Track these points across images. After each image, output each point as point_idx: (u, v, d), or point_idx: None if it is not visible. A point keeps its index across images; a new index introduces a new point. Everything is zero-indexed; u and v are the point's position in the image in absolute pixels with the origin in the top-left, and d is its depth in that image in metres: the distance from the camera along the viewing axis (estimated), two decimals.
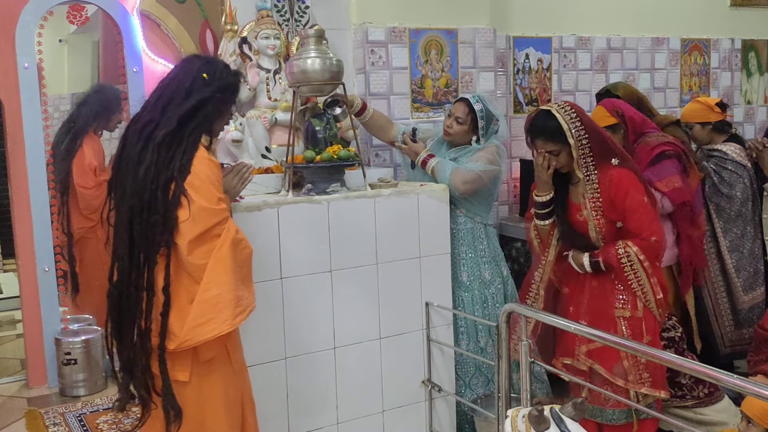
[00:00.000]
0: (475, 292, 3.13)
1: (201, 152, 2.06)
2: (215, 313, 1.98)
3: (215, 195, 2.04)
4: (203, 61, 2.17)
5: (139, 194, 1.98)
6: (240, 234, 2.07)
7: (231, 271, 2.01)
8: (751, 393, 1.65)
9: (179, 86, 2.08)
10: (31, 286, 3.04)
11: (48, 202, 3.02)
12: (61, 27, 3.37)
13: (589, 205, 2.56)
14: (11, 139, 2.99)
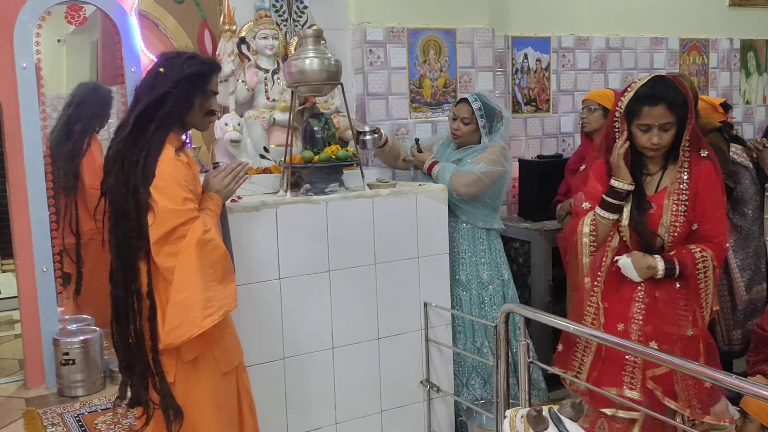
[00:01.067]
0: (473, 292, 3.13)
1: (166, 152, 2.04)
2: (185, 316, 1.99)
3: (180, 195, 2.01)
4: (166, 56, 2.15)
5: (115, 201, 2.02)
6: (209, 234, 2.03)
7: (198, 272, 1.99)
8: (750, 393, 1.65)
9: (144, 86, 2.09)
10: (30, 287, 3.03)
11: (46, 203, 3.02)
12: (59, 27, 3.36)
13: (672, 198, 2.28)
14: (9, 139, 2.98)
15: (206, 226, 2.05)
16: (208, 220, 2.10)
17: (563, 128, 4.30)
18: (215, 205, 2.20)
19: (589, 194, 2.42)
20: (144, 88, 2.08)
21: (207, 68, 2.14)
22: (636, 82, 2.30)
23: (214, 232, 2.07)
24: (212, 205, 2.19)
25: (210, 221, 2.10)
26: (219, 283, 2.05)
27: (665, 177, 2.33)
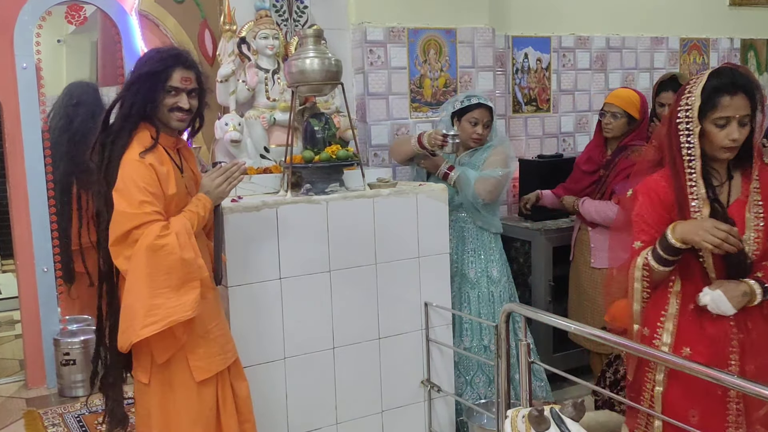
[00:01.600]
0: (483, 289, 3.14)
1: (129, 154, 2.03)
2: (129, 321, 1.98)
3: (136, 198, 1.98)
4: (142, 55, 2.16)
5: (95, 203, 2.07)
6: (163, 239, 1.97)
7: (145, 278, 1.95)
8: (751, 393, 1.65)
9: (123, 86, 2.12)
10: (30, 287, 3.04)
11: (47, 203, 3.02)
12: (59, 27, 3.37)
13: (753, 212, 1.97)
14: (10, 139, 2.99)
15: (165, 230, 1.99)
16: (178, 223, 2.04)
17: (563, 128, 4.30)
18: (201, 207, 2.15)
19: (639, 227, 2.05)
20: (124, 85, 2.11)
21: (164, 64, 2.07)
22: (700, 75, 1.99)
23: (172, 238, 1.99)
24: (194, 206, 2.14)
25: (181, 223, 2.04)
26: (173, 290, 1.98)
27: (733, 187, 2.01)
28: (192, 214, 2.11)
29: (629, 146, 3.24)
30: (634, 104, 3.22)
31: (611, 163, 3.28)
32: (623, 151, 3.24)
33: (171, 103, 2.10)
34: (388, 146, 3.47)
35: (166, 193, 2.06)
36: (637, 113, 3.21)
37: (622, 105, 3.22)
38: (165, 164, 2.08)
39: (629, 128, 3.24)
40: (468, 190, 3.05)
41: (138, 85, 2.04)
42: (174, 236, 2.00)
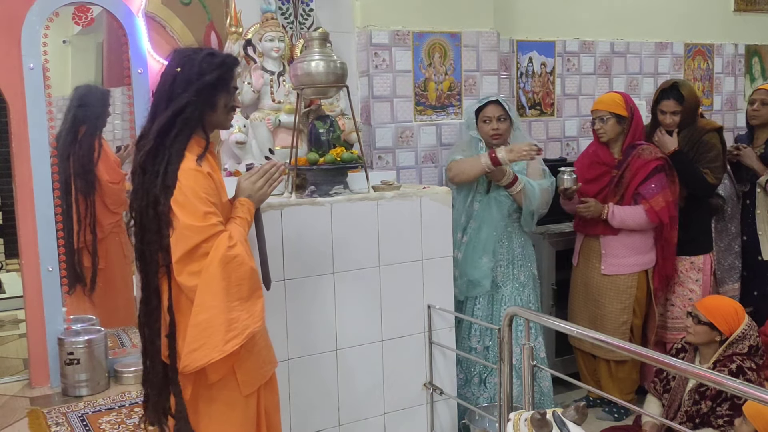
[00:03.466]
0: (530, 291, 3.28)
1: (186, 162, 1.94)
2: (205, 338, 1.88)
3: (200, 210, 1.90)
4: (182, 54, 2.02)
5: (138, 214, 1.95)
6: (233, 250, 1.91)
7: (221, 292, 1.89)
8: (753, 398, 1.65)
9: (162, 89, 1.99)
10: (35, 286, 3.04)
11: (52, 203, 3.03)
12: (66, 28, 3.37)
13: None
14: (16, 139, 2.99)
15: (231, 240, 1.93)
16: (236, 232, 1.98)
17: (567, 132, 4.30)
18: (246, 212, 2.08)
19: None
20: (162, 92, 1.98)
21: (229, 67, 2.05)
22: None
23: (240, 247, 1.94)
24: (242, 212, 2.07)
25: (238, 232, 1.98)
26: (244, 301, 1.93)
27: None
28: (242, 221, 2.05)
29: (638, 145, 3.28)
30: (617, 103, 3.31)
31: (623, 163, 3.30)
32: (633, 149, 3.27)
33: (232, 103, 2.09)
34: (392, 149, 3.49)
35: (221, 201, 2.02)
36: (623, 111, 3.30)
37: (606, 107, 3.33)
38: (215, 170, 2.03)
39: (621, 127, 3.32)
40: (535, 200, 3.12)
41: (205, 92, 1.97)
42: (241, 246, 1.94)
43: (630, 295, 3.36)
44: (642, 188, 3.27)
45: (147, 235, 1.92)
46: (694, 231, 3.51)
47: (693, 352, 2.83)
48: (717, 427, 2.57)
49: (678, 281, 3.51)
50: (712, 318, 2.71)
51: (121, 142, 3.74)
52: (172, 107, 1.94)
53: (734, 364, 2.62)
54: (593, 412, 3.52)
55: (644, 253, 3.36)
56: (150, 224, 1.91)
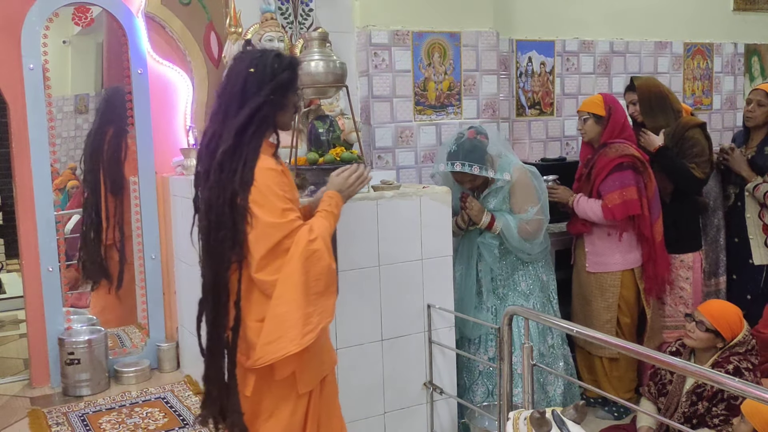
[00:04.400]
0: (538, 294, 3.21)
1: (263, 161, 1.97)
2: (283, 331, 1.91)
3: (279, 207, 1.94)
4: (251, 56, 2.04)
5: (208, 213, 1.95)
6: (313, 244, 1.94)
7: (300, 286, 1.92)
8: (752, 396, 1.66)
9: (233, 90, 2.00)
10: (35, 286, 3.05)
11: (52, 203, 3.03)
12: (65, 28, 3.38)
13: None
14: (16, 139, 3.00)
15: (312, 233, 1.96)
16: (318, 224, 2.01)
17: (567, 132, 4.31)
18: (335, 206, 2.11)
19: None
20: (234, 93, 1.99)
21: (295, 68, 2.07)
22: None
23: (320, 242, 1.96)
24: (329, 205, 2.10)
25: (321, 225, 2.01)
26: (320, 296, 1.96)
27: None
28: (328, 214, 2.08)
29: (608, 144, 3.34)
30: (596, 103, 3.40)
31: (590, 161, 3.42)
32: (603, 148, 3.33)
33: (297, 103, 2.14)
34: (392, 149, 3.50)
35: (295, 197, 2.06)
36: (600, 110, 3.37)
37: (586, 108, 3.44)
38: (285, 169, 2.08)
39: (600, 126, 3.40)
40: (513, 239, 3.09)
41: (280, 91, 2.01)
42: (321, 240, 1.97)
43: (614, 294, 3.38)
44: (601, 185, 3.32)
45: (221, 232, 1.92)
46: (683, 229, 3.52)
47: (688, 355, 2.84)
48: (713, 427, 2.57)
49: (669, 280, 3.52)
50: (718, 326, 2.70)
51: None
52: (249, 106, 1.96)
53: (731, 365, 2.62)
54: (593, 412, 3.53)
55: (628, 251, 3.39)
56: (226, 221, 1.92)
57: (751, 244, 3.65)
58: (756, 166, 3.62)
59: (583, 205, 3.39)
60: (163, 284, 3.27)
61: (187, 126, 3.27)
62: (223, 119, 1.98)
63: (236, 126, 1.94)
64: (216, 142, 1.97)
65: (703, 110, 4.76)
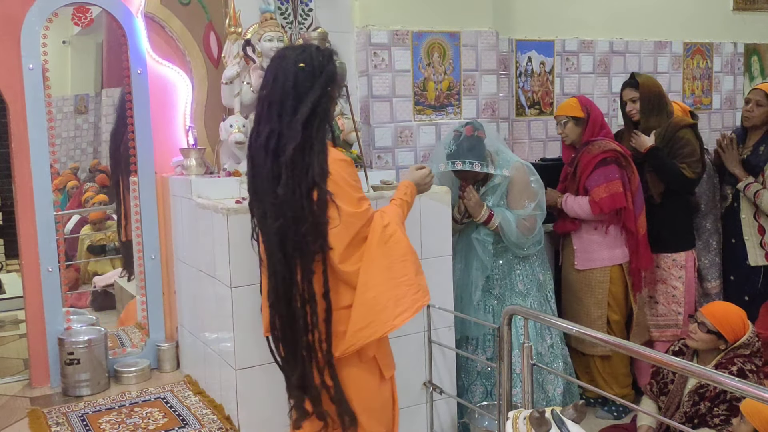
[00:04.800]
0: (535, 294, 3.20)
1: (333, 153, 2.01)
2: (374, 315, 1.96)
3: (354, 197, 2.00)
4: (295, 52, 2.04)
5: (284, 212, 1.94)
6: (389, 229, 2.01)
7: (385, 271, 1.97)
8: (751, 395, 1.66)
9: (285, 87, 1.99)
10: (35, 287, 3.05)
11: (52, 203, 3.04)
12: (65, 28, 3.38)
13: None
14: (16, 139, 3.00)
15: (384, 219, 2.03)
16: (389, 210, 2.10)
17: None
18: (410, 195, 2.19)
19: None
20: (288, 89, 1.98)
21: (335, 60, 2.11)
22: None
23: (394, 225, 2.03)
24: (405, 194, 2.19)
25: (393, 212, 2.09)
26: (413, 276, 2.03)
27: None
28: (402, 202, 2.16)
29: (590, 141, 3.36)
30: (572, 106, 3.46)
31: (575, 160, 3.46)
32: (585, 146, 3.39)
33: (337, 95, 2.17)
34: (392, 148, 3.50)
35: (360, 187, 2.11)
36: (578, 112, 3.43)
37: (563, 112, 3.51)
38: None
39: (580, 128, 3.46)
40: (512, 235, 3.09)
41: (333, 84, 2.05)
42: (395, 224, 2.05)
43: (603, 290, 3.40)
44: (587, 181, 3.36)
45: (302, 227, 1.93)
46: (675, 228, 3.53)
47: (690, 356, 2.84)
48: (713, 427, 2.57)
49: (661, 278, 3.54)
50: (720, 327, 2.70)
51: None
52: (309, 101, 1.96)
53: (735, 367, 2.62)
54: (593, 411, 3.53)
55: (615, 247, 3.41)
56: (305, 215, 1.92)
57: (747, 245, 3.66)
58: (749, 166, 3.63)
59: (571, 203, 3.44)
60: (162, 284, 3.27)
61: (186, 126, 3.26)
62: (280, 117, 1.97)
63: (301, 121, 1.94)
64: (277, 141, 1.95)
65: (703, 110, 4.76)
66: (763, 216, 3.62)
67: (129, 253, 3.40)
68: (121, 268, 3.63)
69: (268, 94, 2.01)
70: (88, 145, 3.95)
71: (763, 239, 3.63)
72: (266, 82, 2.04)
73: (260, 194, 2.00)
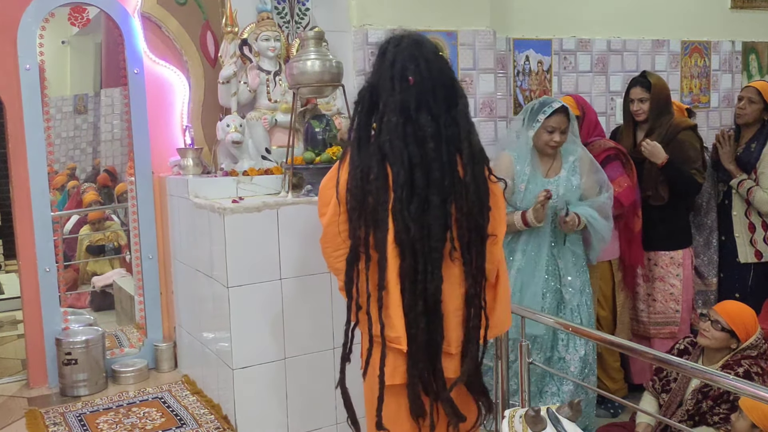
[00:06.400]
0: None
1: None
2: (507, 312, 2.06)
3: (499, 184, 2.04)
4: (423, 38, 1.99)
5: (471, 199, 1.91)
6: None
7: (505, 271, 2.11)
8: (748, 394, 1.66)
9: (449, 78, 1.95)
10: (32, 287, 3.05)
11: (49, 204, 3.04)
12: (64, 29, 3.39)
13: None
14: (13, 140, 3.00)
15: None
16: None
17: None
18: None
19: None
20: (448, 80, 1.96)
21: None
22: None
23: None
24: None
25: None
26: None
27: None
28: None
29: (589, 142, 3.35)
30: (570, 105, 3.29)
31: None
32: (586, 146, 3.36)
33: None
34: None
35: None
36: (575, 111, 3.32)
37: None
38: None
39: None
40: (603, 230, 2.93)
41: None
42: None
43: (593, 286, 3.39)
44: None
45: (485, 211, 1.93)
46: (673, 226, 3.52)
47: (696, 356, 2.83)
48: (712, 425, 2.57)
49: (659, 276, 3.53)
50: (734, 326, 2.67)
51: (120, 142, 3.76)
52: (462, 93, 1.98)
53: (742, 369, 2.61)
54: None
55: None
56: (487, 200, 1.94)
57: (737, 242, 3.67)
58: (741, 163, 3.64)
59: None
60: (160, 284, 3.27)
61: (183, 126, 3.26)
62: (447, 108, 1.92)
63: (467, 111, 1.97)
64: (453, 129, 1.91)
65: (701, 108, 4.75)
66: (754, 213, 3.63)
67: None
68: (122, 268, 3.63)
69: (435, 86, 1.92)
70: (87, 145, 3.96)
71: (753, 236, 3.65)
72: (427, 75, 1.92)
73: (435, 184, 1.88)
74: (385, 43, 1.97)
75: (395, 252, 1.85)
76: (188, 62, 3.27)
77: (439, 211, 1.87)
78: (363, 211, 1.88)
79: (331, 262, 2.01)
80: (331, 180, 1.99)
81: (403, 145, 1.86)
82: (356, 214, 1.89)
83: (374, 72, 1.96)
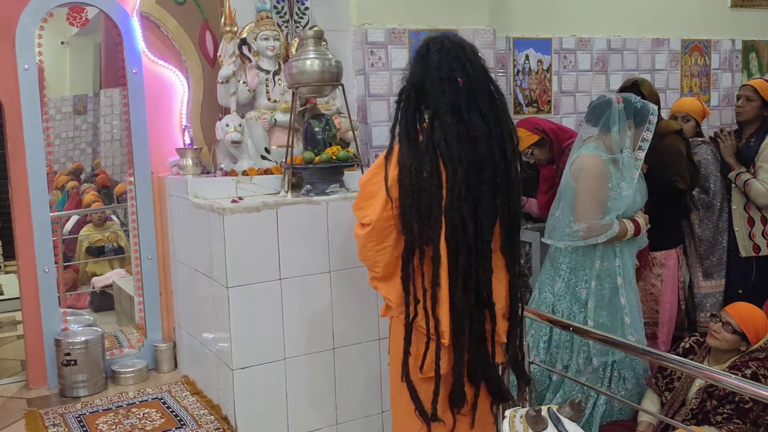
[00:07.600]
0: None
1: None
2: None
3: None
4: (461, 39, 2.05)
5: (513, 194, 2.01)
6: None
7: None
8: (750, 394, 1.65)
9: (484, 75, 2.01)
10: (31, 288, 3.05)
11: (48, 204, 3.03)
12: (62, 29, 3.38)
13: None
14: (11, 140, 3.00)
15: None
16: None
17: None
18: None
19: None
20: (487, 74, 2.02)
21: None
22: None
23: None
24: None
25: None
26: None
27: None
28: None
29: (567, 147, 3.40)
30: (526, 136, 3.46)
31: (558, 169, 3.44)
32: (561, 155, 3.42)
33: None
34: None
35: None
36: (533, 138, 3.45)
37: (523, 146, 3.47)
38: None
39: (546, 147, 3.49)
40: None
41: None
42: None
43: None
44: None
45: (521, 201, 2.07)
46: (658, 227, 3.50)
47: (702, 356, 2.82)
48: (714, 424, 2.56)
49: (640, 276, 3.52)
50: (746, 328, 2.67)
51: (119, 143, 3.75)
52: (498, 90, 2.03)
53: (749, 370, 2.61)
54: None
55: None
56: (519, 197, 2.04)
57: (737, 236, 3.71)
58: (742, 157, 3.68)
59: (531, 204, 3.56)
60: (160, 285, 3.27)
61: (182, 125, 3.26)
62: (491, 107, 1.98)
63: (507, 109, 2.04)
64: (499, 128, 1.98)
65: None
66: (753, 208, 3.66)
67: None
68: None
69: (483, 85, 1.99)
70: (87, 146, 3.95)
71: (752, 230, 3.67)
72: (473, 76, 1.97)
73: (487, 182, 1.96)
74: (424, 46, 2.02)
75: (447, 248, 1.93)
76: (187, 62, 3.27)
77: (490, 207, 1.95)
78: (417, 208, 1.93)
79: (371, 255, 2.05)
80: (375, 176, 2.04)
81: (458, 144, 1.93)
82: (412, 210, 1.94)
83: (416, 73, 2.00)
